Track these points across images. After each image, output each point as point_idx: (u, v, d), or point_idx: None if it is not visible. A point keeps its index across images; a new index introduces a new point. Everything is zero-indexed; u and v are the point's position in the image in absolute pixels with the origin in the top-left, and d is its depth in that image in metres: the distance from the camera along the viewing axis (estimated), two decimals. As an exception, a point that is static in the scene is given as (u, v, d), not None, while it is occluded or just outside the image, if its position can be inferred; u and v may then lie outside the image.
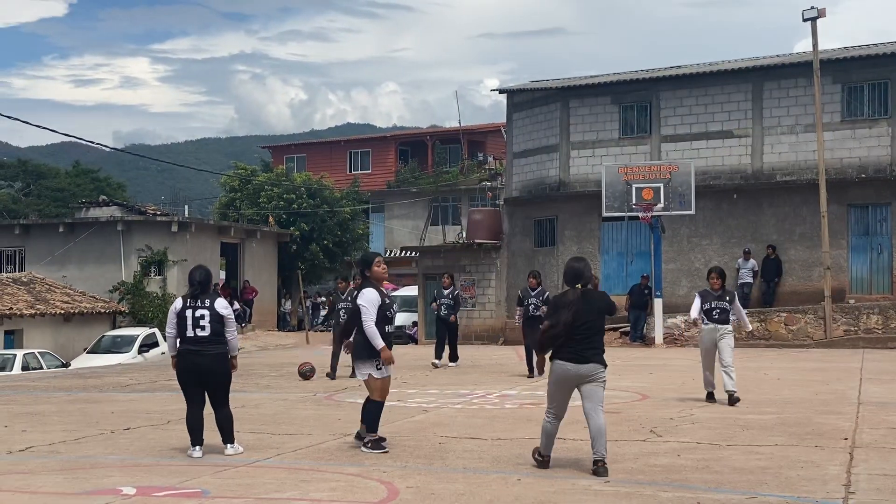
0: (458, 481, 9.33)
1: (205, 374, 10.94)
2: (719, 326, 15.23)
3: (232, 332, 11.07)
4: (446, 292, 23.68)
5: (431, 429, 12.84)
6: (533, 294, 20.94)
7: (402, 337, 38.12)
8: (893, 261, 31.66)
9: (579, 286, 9.87)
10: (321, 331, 47.76)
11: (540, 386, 18.67)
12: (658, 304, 30.83)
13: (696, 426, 12.91)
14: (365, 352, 11.06)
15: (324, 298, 54.32)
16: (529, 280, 21.33)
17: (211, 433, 11.14)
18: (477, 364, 24.02)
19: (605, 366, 9.83)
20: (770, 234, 33.15)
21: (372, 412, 11.19)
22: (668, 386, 18.17)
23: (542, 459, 9.99)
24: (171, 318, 11.01)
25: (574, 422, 12.47)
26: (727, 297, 15.41)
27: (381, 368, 11.02)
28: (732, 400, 15.01)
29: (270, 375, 21.73)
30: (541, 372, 19.33)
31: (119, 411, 15.45)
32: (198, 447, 11.00)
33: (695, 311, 15.37)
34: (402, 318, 38.38)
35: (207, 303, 10.90)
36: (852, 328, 30.09)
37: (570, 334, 9.64)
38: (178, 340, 10.96)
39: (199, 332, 10.81)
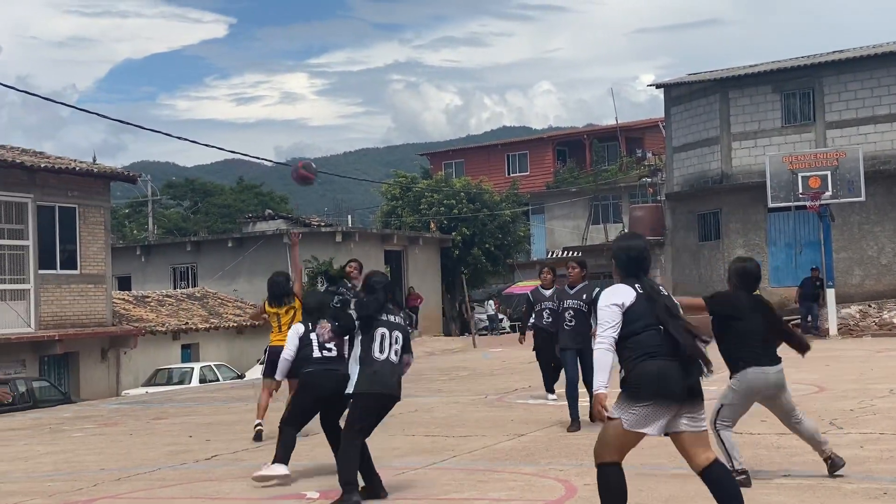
0: (633, 478, 9.26)
1: (332, 395, 9.93)
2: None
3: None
4: (548, 293, 14.89)
5: (605, 427, 12.77)
6: (548, 296, 14.42)
7: None
8: None
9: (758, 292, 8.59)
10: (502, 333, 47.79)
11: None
12: (830, 294, 30.16)
13: (877, 417, 12.59)
14: None
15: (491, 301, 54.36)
16: (544, 275, 15.00)
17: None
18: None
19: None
20: (945, 218, 32.16)
21: None
22: (846, 377, 17.75)
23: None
24: (294, 342, 10.54)
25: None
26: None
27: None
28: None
29: (441, 380, 21.91)
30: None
31: (296, 419, 15.74)
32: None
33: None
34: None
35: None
36: None
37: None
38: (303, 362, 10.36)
39: (326, 354, 10.27)
